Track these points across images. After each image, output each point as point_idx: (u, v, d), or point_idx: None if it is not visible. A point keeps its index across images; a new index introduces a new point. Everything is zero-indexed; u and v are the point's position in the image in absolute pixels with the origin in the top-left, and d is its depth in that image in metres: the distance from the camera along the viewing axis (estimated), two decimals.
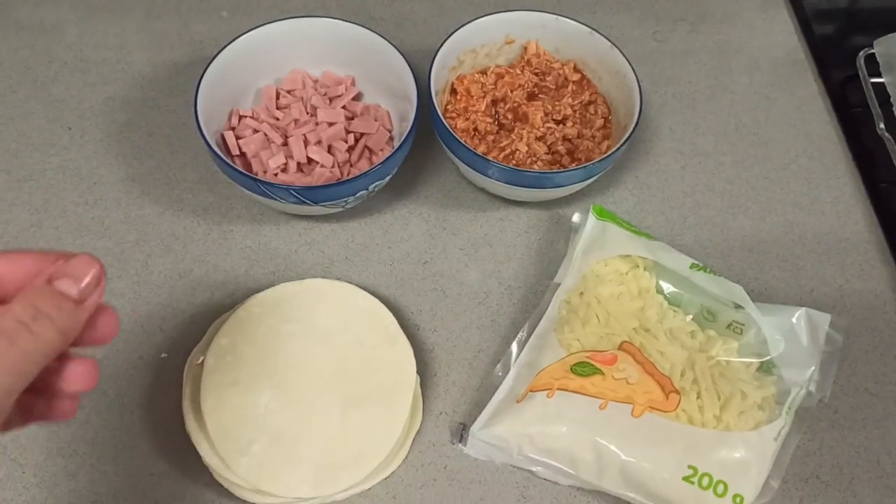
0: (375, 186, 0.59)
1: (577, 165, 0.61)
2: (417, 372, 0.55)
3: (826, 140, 0.71)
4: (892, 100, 0.68)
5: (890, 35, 0.71)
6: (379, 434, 0.51)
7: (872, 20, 0.77)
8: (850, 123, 0.71)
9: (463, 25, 0.63)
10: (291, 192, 0.55)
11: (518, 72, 0.66)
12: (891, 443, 0.56)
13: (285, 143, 0.62)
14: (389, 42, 0.62)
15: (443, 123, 0.59)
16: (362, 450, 0.51)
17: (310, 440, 0.51)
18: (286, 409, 0.51)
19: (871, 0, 0.81)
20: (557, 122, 0.64)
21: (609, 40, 0.64)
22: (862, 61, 0.71)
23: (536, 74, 0.67)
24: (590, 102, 0.65)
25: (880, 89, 0.69)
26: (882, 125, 0.68)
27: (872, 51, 0.71)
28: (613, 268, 0.58)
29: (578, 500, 0.53)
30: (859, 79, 0.71)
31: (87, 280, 0.33)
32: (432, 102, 0.60)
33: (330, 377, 0.53)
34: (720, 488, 0.50)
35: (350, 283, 0.58)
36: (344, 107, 0.64)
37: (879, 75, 0.70)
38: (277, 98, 0.64)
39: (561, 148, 0.63)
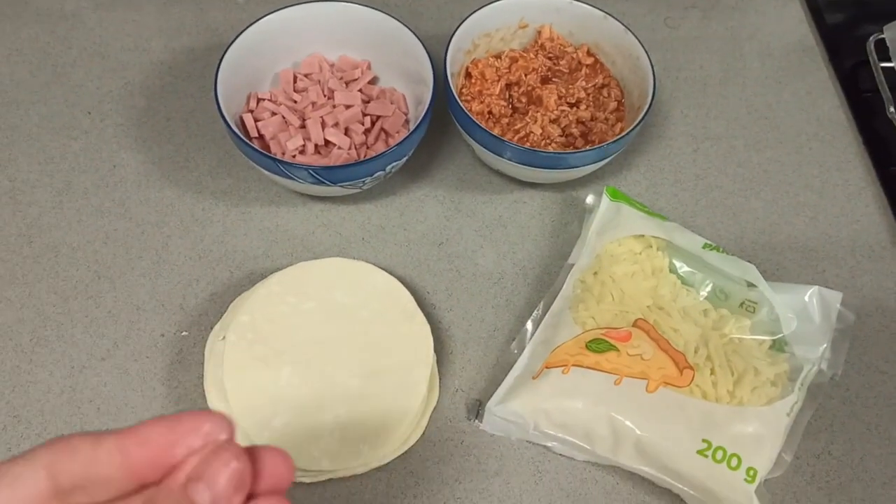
0: (392, 167, 0.59)
1: (591, 147, 0.62)
2: (434, 350, 0.56)
3: (837, 124, 0.72)
4: None
5: None
6: (398, 408, 0.52)
7: (883, 7, 0.78)
8: (861, 108, 0.72)
9: (478, 9, 0.64)
10: (310, 171, 0.56)
11: (532, 56, 0.67)
12: None
13: (303, 126, 0.62)
14: (406, 26, 0.63)
15: (459, 105, 0.60)
16: (381, 423, 0.52)
17: (330, 414, 0.51)
18: (307, 384, 0.52)
19: None
20: (571, 105, 0.64)
21: (623, 24, 0.64)
22: (872, 46, 0.72)
23: (550, 58, 0.67)
24: (603, 86, 0.66)
25: (890, 74, 0.70)
26: (892, 109, 0.68)
27: (882, 36, 0.71)
28: (627, 247, 0.59)
29: (593, 475, 0.54)
30: (869, 64, 0.72)
31: (222, 484, 0.28)
32: (448, 85, 0.60)
33: (349, 353, 0.54)
34: (734, 461, 0.50)
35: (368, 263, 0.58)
36: (360, 90, 0.65)
37: (889, 60, 0.70)
38: (295, 81, 0.65)
39: (575, 130, 0.63)
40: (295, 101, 0.64)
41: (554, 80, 0.67)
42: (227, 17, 0.75)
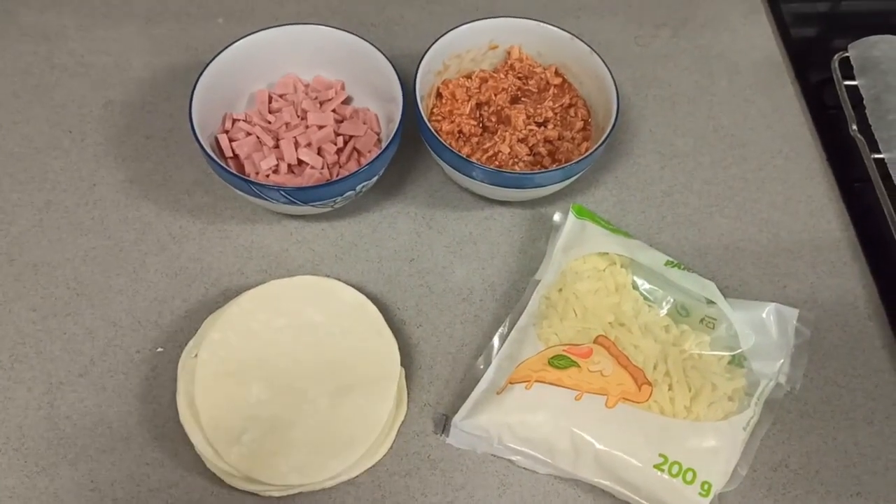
0: (363, 187, 0.61)
1: (557, 166, 0.63)
2: (403, 365, 0.57)
3: (801, 141, 0.73)
4: (864, 102, 0.70)
5: (864, 39, 0.73)
6: (365, 422, 0.54)
7: (848, 25, 0.80)
8: (825, 125, 0.73)
9: (448, 31, 0.65)
10: (282, 192, 0.58)
11: (502, 76, 0.69)
12: (858, 433, 0.58)
13: (277, 146, 0.64)
14: (377, 48, 0.64)
15: (427, 127, 0.61)
16: (349, 438, 0.53)
17: (299, 429, 0.53)
18: (276, 400, 0.54)
19: (848, 5, 0.83)
20: (539, 125, 0.66)
21: (589, 46, 0.66)
22: (836, 64, 0.73)
23: (519, 78, 0.69)
24: (570, 105, 0.68)
25: (854, 91, 0.71)
26: (855, 126, 0.70)
27: (847, 54, 0.73)
28: (591, 264, 0.61)
29: (556, 488, 0.55)
30: (834, 82, 0.73)
31: None
32: (418, 107, 0.62)
33: (318, 368, 0.55)
34: (689, 476, 0.52)
35: (339, 280, 0.60)
36: (334, 110, 0.66)
37: (853, 78, 0.72)
38: (270, 102, 0.67)
39: (542, 149, 0.65)
40: (269, 122, 0.65)
41: (523, 99, 0.68)
42: (207, 36, 0.76)
